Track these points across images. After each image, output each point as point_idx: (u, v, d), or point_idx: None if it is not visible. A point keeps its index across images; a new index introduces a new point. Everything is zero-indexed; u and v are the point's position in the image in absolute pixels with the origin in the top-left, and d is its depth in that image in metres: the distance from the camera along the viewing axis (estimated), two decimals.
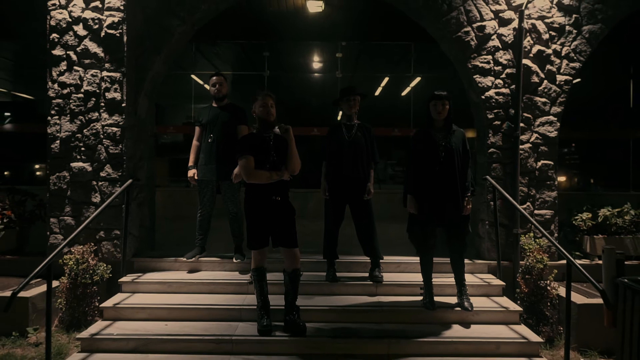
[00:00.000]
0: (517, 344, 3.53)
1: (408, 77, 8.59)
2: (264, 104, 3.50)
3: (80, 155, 4.37)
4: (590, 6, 4.59)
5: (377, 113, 9.04)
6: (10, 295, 2.87)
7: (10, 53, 8.79)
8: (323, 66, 8.92)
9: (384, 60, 8.93)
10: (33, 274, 3.15)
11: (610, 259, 3.15)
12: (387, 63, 8.95)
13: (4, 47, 8.68)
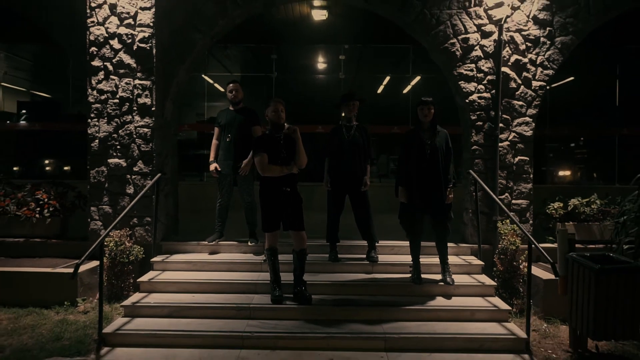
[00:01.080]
0: (489, 311, 4.23)
1: (407, 77, 9.23)
2: (276, 110, 4.20)
3: (116, 152, 5.10)
4: (562, 20, 5.23)
5: (379, 110, 9.70)
6: (75, 266, 3.59)
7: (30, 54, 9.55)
8: (327, 68, 9.57)
9: (385, 62, 9.57)
10: (88, 252, 3.86)
11: (563, 238, 3.84)
12: (387, 65, 9.58)
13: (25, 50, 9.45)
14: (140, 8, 5.03)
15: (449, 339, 3.87)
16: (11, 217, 5.27)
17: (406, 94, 9.35)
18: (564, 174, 9.74)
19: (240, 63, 9.92)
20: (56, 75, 9.25)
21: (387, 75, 9.60)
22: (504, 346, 3.84)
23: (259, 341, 3.85)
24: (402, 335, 3.89)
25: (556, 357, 3.69)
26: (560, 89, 9.27)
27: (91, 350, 3.72)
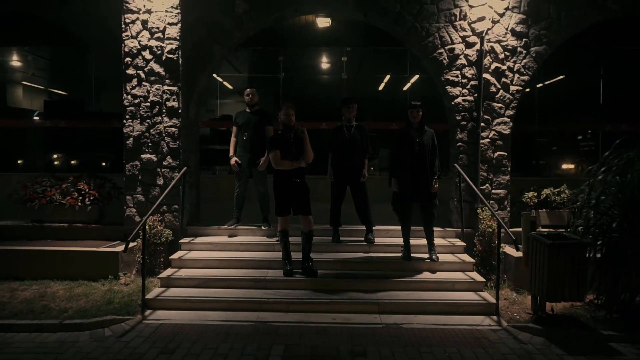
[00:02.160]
0: (467, 283, 5.08)
1: (405, 77, 10.01)
2: (287, 113, 5.04)
3: (148, 149, 5.95)
4: (537, 32, 6.02)
5: (380, 107, 10.52)
6: (126, 242, 4.47)
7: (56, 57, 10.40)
8: (330, 68, 10.37)
9: (384, 63, 10.34)
10: (134, 233, 4.73)
11: (526, 221, 4.68)
12: (386, 65, 10.36)
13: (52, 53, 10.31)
14: (168, 23, 5.86)
15: (432, 304, 4.73)
16: (56, 205, 6.13)
17: (404, 92, 10.12)
18: (552, 167, 10.54)
19: (249, 64, 10.72)
20: (79, 77, 10.12)
21: (386, 75, 10.38)
22: (477, 309, 4.69)
23: (274, 305, 4.72)
24: (393, 301, 4.75)
25: (519, 318, 4.52)
26: (549, 88, 10.06)
27: (137, 312, 4.59)
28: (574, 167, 10.53)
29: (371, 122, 10.50)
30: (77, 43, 8.39)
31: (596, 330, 4.20)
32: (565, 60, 9.70)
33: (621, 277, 4.45)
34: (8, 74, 10.33)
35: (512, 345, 3.98)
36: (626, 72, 9.84)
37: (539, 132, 10.17)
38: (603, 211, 4.52)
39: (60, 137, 10.30)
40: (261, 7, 6.07)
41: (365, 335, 4.13)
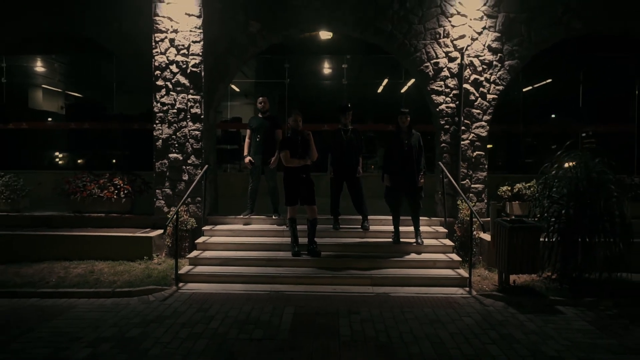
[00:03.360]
0: (446, 262, 6.12)
1: (400, 82, 11.02)
2: (295, 120, 6.08)
3: (175, 149, 7.00)
4: (510, 48, 7.04)
5: (378, 110, 11.54)
6: (165, 225, 5.53)
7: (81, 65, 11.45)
8: (332, 74, 11.39)
9: (381, 69, 11.36)
10: (170, 219, 5.79)
11: (494, 209, 5.73)
12: (383, 71, 11.37)
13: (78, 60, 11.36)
14: (192, 41, 6.90)
15: (416, 278, 5.78)
16: (95, 198, 7.19)
17: (401, 95, 11.09)
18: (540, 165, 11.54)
19: (257, 70, 11.75)
20: (101, 83, 11.18)
21: (383, 80, 11.39)
22: (453, 283, 5.74)
23: (285, 279, 5.77)
24: (384, 276, 5.80)
25: (487, 289, 5.56)
26: (533, 93, 11.08)
27: (172, 284, 5.65)
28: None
29: (371, 123, 11.57)
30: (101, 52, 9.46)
31: (547, 297, 5.24)
32: (549, 66, 10.73)
33: (570, 256, 5.48)
34: (35, 79, 11.40)
35: (477, 307, 5.02)
36: (603, 78, 10.86)
37: (524, 132, 11.20)
38: (555, 200, 5.55)
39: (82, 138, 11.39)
40: (271, 27, 7.12)
41: (360, 301, 5.17)
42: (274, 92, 11.32)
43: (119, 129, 11.21)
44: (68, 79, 11.59)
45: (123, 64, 10.48)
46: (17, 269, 6.09)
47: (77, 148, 11.63)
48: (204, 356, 3.77)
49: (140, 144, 11.37)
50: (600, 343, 4.09)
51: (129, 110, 11.51)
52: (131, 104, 11.42)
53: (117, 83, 11.00)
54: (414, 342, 4.06)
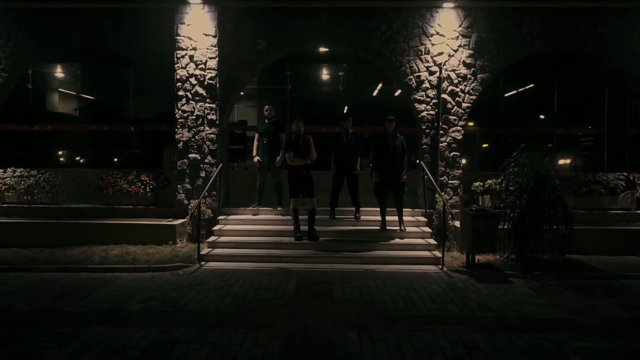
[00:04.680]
0: (425, 245, 7.39)
1: (392, 88, 12.26)
2: (298, 125, 7.34)
3: (194, 150, 8.25)
4: (482, 63, 8.30)
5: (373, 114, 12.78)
6: (191, 214, 6.77)
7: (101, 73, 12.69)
8: (329, 81, 12.64)
9: (375, 76, 12.60)
10: (192, 210, 7.04)
11: (462, 200, 6.99)
12: (377, 78, 12.62)
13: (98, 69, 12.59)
14: (209, 57, 8.15)
15: (398, 258, 7.04)
16: (124, 192, 8.44)
17: (393, 99, 12.30)
18: None
19: (261, 77, 12.99)
20: (120, 88, 12.44)
21: (377, 86, 12.63)
22: (429, 262, 7.01)
23: (289, 259, 7.03)
24: (371, 256, 7.07)
25: (456, 266, 6.81)
26: (513, 99, 12.35)
27: (195, 262, 6.90)
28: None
29: (367, 126, 12.79)
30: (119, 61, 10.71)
31: (503, 272, 6.52)
32: (529, 74, 12.00)
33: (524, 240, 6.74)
34: (56, 85, 12.63)
35: (445, 279, 6.29)
36: (576, 85, 12.12)
37: (504, 134, 12.47)
38: (511, 193, 6.82)
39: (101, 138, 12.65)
40: (276, 45, 8.38)
41: (351, 274, 6.43)
42: (277, 97, 12.58)
43: (134, 130, 12.46)
44: (88, 85, 12.83)
45: (139, 72, 11.73)
46: (64, 251, 7.35)
47: (97, 148, 12.89)
48: (230, 308, 5.03)
49: (154, 144, 12.67)
50: (534, 302, 5.36)
51: (144, 113, 12.79)
52: (146, 108, 12.69)
53: (134, 89, 12.26)
54: (391, 301, 5.32)
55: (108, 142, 12.69)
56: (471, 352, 3.99)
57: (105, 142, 12.73)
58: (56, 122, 12.61)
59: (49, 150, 12.80)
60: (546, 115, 12.60)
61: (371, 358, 3.87)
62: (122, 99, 12.84)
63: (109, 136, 12.66)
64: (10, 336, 4.26)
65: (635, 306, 5.26)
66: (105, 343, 4.11)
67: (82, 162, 12.80)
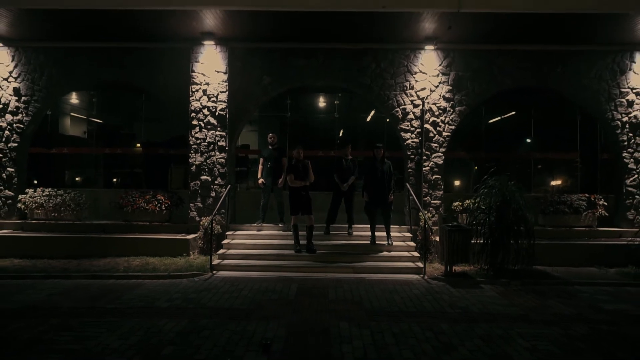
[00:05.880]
0: (409, 257, 8.51)
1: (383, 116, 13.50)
2: (298, 152, 8.54)
3: (205, 173, 9.41)
4: (460, 98, 9.58)
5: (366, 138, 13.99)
6: (204, 229, 7.87)
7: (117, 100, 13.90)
8: (325, 108, 13.88)
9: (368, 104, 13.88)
10: (205, 226, 8.15)
11: (440, 217, 8.16)
12: (370, 105, 13.87)
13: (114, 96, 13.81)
14: (220, 91, 9.40)
15: (385, 268, 8.15)
16: (141, 209, 9.56)
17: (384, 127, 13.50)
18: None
19: (263, 105, 14.16)
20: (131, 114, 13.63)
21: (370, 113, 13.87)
22: (412, 271, 8.12)
23: (289, 269, 8.12)
24: (362, 266, 8.18)
25: (436, 275, 7.92)
26: (494, 125, 13.61)
27: (208, 271, 7.99)
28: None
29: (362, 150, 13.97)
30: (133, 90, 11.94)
31: (475, 279, 7.64)
32: (508, 104, 13.29)
33: (495, 252, 7.87)
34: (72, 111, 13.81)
35: (424, 285, 7.40)
36: (551, 113, 13.42)
37: (485, 158, 13.69)
38: (482, 211, 7.99)
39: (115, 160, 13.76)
40: (279, 81, 9.66)
41: (344, 281, 7.53)
42: (277, 123, 13.80)
43: (146, 153, 13.60)
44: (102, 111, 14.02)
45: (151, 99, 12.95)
46: (90, 262, 8.42)
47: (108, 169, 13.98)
48: (242, 305, 6.12)
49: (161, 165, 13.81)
50: (497, 302, 6.47)
51: (154, 137, 13.95)
52: (156, 133, 13.86)
53: (145, 115, 13.47)
54: (376, 301, 6.42)
55: (119, 163, 13.80)
56: (437, 335, 5.09)
57: (116, 164, 13.84)
58: (68, 144, 13.73)
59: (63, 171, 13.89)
60: (524, 141, 13.86)
61: (358, 340, 4.95)
62: (132, 124, 14.00)
63: (120, 158, 13.78)
64: (66, 325, 5.32)
65: (579, 305, 6.38)
66: (145, 329, 5.19)
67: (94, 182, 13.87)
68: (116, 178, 13.93)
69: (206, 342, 4.84)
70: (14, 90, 9.87)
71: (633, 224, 9.47)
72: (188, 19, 8.31)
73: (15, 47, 9.79)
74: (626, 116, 9.78)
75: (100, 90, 13.58)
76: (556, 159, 14.00)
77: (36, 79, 9.86)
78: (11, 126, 9.96)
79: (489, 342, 4.93)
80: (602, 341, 5.04)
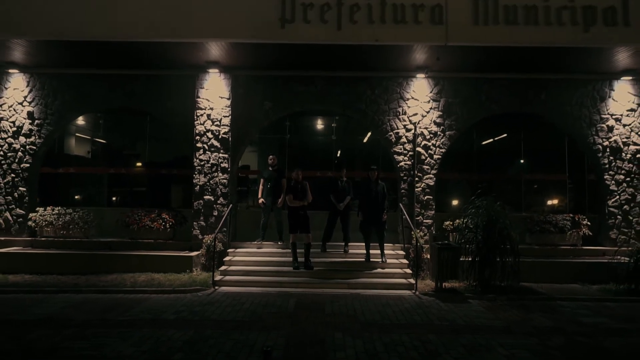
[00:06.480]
0: (402, 274, 8.98)
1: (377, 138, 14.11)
2: (297, 174, 9.09)
3: (208, 193, 9.93)
4: (450, 122, 10.19)
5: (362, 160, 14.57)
6: (207, 247, 8.36)
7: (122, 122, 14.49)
8: (323, 131, 14.50)
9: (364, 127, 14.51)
10: (207, 244, 8.64)
11: (431, 236, 8.66)
12: (366, 128, 14.50)
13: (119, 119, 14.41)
14: (223, 116, 9.99)
15: (379, 284, 8.62)
16: (147, 228, 10.04)
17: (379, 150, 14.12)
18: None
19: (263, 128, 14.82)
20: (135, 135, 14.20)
21: (366, 135, 14.50)
22: (404, 287, 8.58)
23: (288, 285, 8.57)
24: (357, 282, 8.64)
25: (427, 291, 8.38)
26: (485, 147, 14.22)
27: (210, 286, 8.44)
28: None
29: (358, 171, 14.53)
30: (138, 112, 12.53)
31: (464, 294, 8.10)
32: (499, 126, 13.92)
33: (482, 269, 8.36)
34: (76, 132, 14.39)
35: (415, 300, 7.86)
36: (539, 137, 14.05)
37: (477, 179, 14.25)
38: (470, 230, 8.50)
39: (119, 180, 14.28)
40: (279, 106, 10.27)
41: (339, 296, 7.99)
42: (277, 144, 14.39)
43: (150, 173, 14.12)
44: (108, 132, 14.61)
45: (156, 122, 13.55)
46: (98, 278, 8.87)
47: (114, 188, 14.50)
48: (244, 317, 6.57)
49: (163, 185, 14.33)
50: (483, 315, 6.94)
51: (157, 158, 14.51)
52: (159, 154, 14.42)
53: (150, 137, 14.04)
54: (369, 314, 6.88)
55: (122, 182, 14.32)
56: (425, 344, 5.56)
57: (119, 183, 14.35)
58: (73, 164, 14.25)
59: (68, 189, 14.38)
60: (515, 163, 14.45)
61: (352, 348, 5.41)
62: (137, 145, 14.56)
63: (124, 177, 14.30)
64: (81, 335, 5.77)
65: (560, 319, 6.85)
66: (154, 338, 5.64)
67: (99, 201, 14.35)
68: (120, 197, 14.42)
69: (212, 349, 5.29)
70: (27, 114, 10.44)
71: (615, 242, 9.97)
72: (194, 50, 8.95)
73: (31, 73, 10.40)
74: (607, 140, 10.37)
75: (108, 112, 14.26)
76: (546, 180, 14.59)
77: (49, 103, 10.45)
78: (24, 148, 10.49)
79: (472, 351, 5.39)
80: (577, 351, 5.51)
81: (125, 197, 14.56)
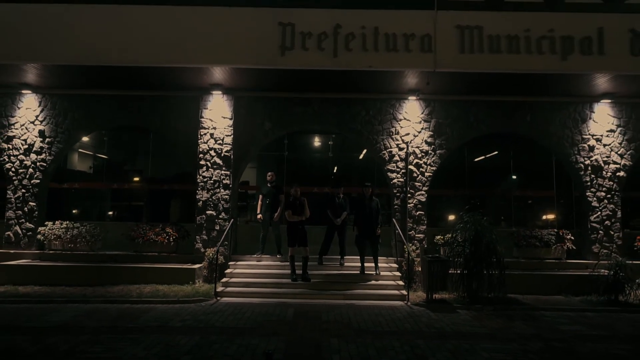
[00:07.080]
0: (395, 285, 9.50)
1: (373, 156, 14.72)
2: (295, 190, 9.66)
3: (210, 208, 10.47)
4: (440, 142, 10.82)
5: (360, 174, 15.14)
6: (209, 260, 8.88)
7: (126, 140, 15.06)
8: (320, 148, 15.12)
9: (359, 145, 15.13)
10: (209, 257, 9.16)
11: (422, 249, 9.21)
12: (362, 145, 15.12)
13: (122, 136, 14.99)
14: (226, 135, 10.59)
15: (373, 295, 9.13)
16: (151, 241, 10.55)
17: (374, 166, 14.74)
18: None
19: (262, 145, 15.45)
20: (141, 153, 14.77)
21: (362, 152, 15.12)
22: (397, 298, 9.09)
23: (287, 296, 9.08)
24: (353, 293, 9.15)
25: (419, 302, 8.89)
26: (476, 164, 14.84)
27: (213, 297, 8.92)
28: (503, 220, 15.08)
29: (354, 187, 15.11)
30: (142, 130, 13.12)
31: (453, 305, 8.62)
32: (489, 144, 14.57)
33: (471, 281, 8.89)
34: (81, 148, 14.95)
35: (407, 310, 8.38)
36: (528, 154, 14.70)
37: (469, 195, 14.85)
38: (458, 244, 9.06)
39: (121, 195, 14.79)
40: (279, 127, 10.89)
41: (335, 306, 8.49)
42: (275, 161, 14.98)
43: (151, 189, 14.66)
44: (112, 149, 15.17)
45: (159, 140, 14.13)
46: (104, 289, 9.34)
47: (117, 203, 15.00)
48: (246, 325, 7.07)
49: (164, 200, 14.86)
50: (469, 323, 7.46)
51: (161, 174, 15.05)
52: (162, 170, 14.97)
53: (153, 154, 14.61)
54: (363, 322, 7.39)
55: (125, 197, 14.83)
56: (413, 349, 6.07)
57: (122, 197, 14.87)
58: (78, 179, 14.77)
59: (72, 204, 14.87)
60: (505, 179, 15.07)
61: (346, 352, 5.92)
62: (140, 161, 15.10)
63: (126, 192, 14.82)
64: (95, 340, 6.26)
65: (540, 327, 7.38)
66: (164, 343, 6.14)
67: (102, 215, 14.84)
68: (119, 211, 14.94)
69: (217, 353, 5.79)
70: (39, 132, 11.01)
71: (598, 256, 10.54)
72: (199, 74, 9.58)
73: (43, 93, 11.01)
74: (588, 159, 11.01)
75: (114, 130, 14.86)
76: (535, 196, 15.20)
77: (60, 122, 11.04)
78: (35, 164, 11.04)
79: (456, 354, 5.91)
80: (551, 353, 6.04)
81: (125, 211, 15.09)
